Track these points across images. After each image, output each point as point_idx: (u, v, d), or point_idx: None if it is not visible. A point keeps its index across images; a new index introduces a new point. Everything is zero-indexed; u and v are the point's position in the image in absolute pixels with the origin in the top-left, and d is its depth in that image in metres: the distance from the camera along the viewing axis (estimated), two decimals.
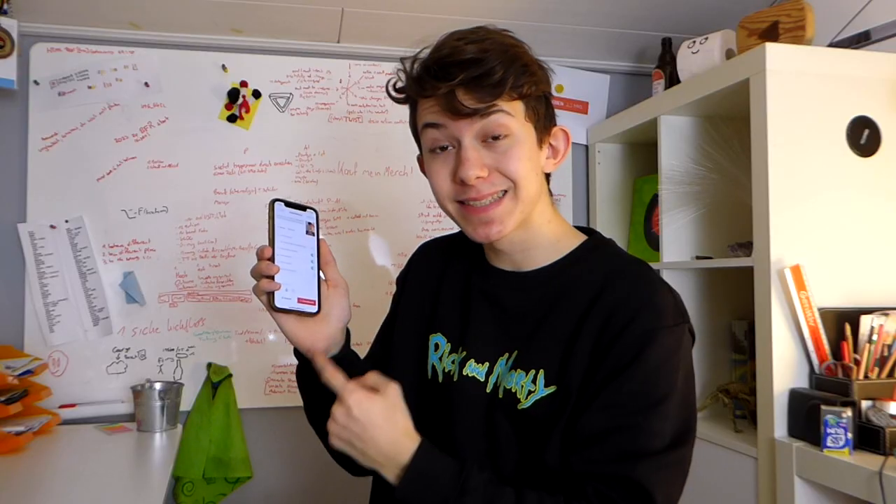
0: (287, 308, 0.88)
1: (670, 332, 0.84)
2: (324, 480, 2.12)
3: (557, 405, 0.85)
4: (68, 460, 1.60)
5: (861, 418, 1.32)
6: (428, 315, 1.01)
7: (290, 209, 0.92)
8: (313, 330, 0.94)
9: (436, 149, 0.89)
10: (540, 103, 0.89)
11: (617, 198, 2.32)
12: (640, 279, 0.89)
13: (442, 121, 0.86)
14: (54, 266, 1.96)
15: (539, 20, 2.00)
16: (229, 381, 2.01)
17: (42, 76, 1.97)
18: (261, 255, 0.89)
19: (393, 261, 2.18)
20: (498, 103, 0.84)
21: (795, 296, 1.40)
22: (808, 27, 1.51)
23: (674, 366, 0.84)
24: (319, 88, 2.15)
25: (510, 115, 0.85)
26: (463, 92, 0.83)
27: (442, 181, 0.89)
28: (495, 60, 0.82)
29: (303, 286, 0.90)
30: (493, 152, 0.86)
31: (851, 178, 1.48)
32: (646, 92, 2.19)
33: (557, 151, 0.94)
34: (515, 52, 0.86)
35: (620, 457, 0.80)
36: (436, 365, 0.97)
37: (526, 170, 0.87)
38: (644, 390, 0.82)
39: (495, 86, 0.83)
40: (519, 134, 0.86)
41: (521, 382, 0.87)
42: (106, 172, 2.01)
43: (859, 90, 1.50)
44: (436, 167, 0.90)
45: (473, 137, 0.86)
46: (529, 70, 0.86)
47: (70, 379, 1.95)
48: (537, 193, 0.90)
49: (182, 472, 1.92)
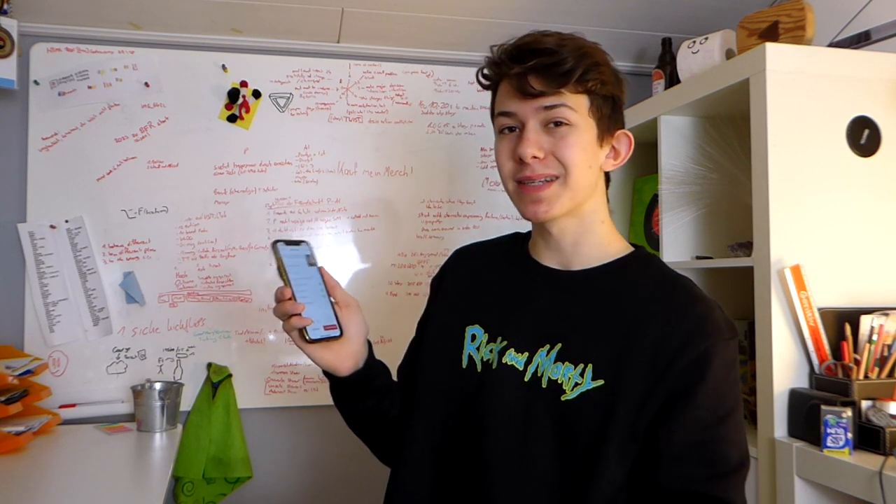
0: (319, 338, 0.94)
1: (727, 345, 0.89)
2: (324, 480, 2.12)
3: (603, 399, 0.87)
4: (68, 460, 1.60)
5: (861, 418, 1.32)
6: (463, 310, 1.04)
7: (290, 247, 0.97)
8: (338, 351, 0.99)
9: (504, 129, 0.96)
10: (606, 103, 0.94)
11: (617, 197, 2.31)
12: (694, 294, 0.94)
13: (512, 107, 0.93)
14: (54, 266, 1.96)
15: (539, 20, 2.00)
16: (229, 381, 2.01)
17: (42, 76, 1.97)
18: (281, 297, 0.94)
19: (393, 261, 2.18)
20: (564, 92, 0.90)
21: (795, 296, 1.40)
22: (808, 27, 1.51)
23: (734, 378, 0.90)
24: (319, 88, 2.15)
25: (573, 109, 0.91)
26: (534, 76, 0.90)
27: (504, 159, 0.95)
28: (568, 53, 0.89)
29: (323, 315, 0.96)
30: (552, 137, 0.92)
31: (851, 178, 1.48)
32: (646, 92, 2.19)
33: (619, 154, 0.98)
34: (590, 51, 0.92)
35: (711, 476, 0.85)
36: (473, 354, 0.99)
37: (580, 158, 0.92)
38: (718, 403, 0.87)
39: (564, 74, 0.89)
40: (579, 125, 0.92)
41: (569, 375, 0.90)
42: (106, 172, 2.01)
43: (859, 90, 1.49)
44: (501, 146, 0.96)
45: (537, 122, 0.92)
46: (599, 69, 0.92)
47: (70, 379, 1.95)
48: (589, 186, 0.95)
49: (182, 472, 1.92)
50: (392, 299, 2.16)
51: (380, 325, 2.11)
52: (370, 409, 1.05)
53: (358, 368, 1.01)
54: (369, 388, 1.04)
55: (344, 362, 1.00)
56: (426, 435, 0.99)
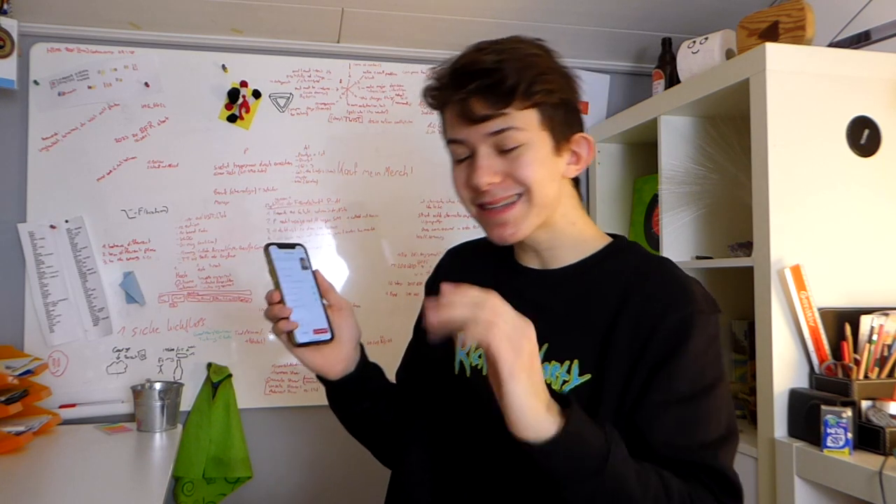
0: (307, 342, 0.94)
1: (707, 317, 0.87)
2: (324, 480, 2.12)
3: (592, 392, 0.87)
4: (68, 460, 1.60)
5: (861, 418, 1.32)
6: None
7: (283, 250, 0.97)
8: (329, 355, 0.99)
9: (458, 160, 0.94)
10: (557, 111, 0.90)
11: (617, 198, 2.32)
12: (670, 272, 0.92)
13: (460, 135, 0.90)
14: (54, 266, 1.96)
15: (539, 20, 2.00)
16: (229, 381, 2.01)
17: (42, 76, 1.97)
18: (271, 300, 0.94)
19: (393, 261, 2.18)
20: (510, 112, 0.86)
21: (795, 296, 1.40)
22: (808, 27, 1.51)
23: (716, 353, 0.88)
24: (319, 88, 2.15)
25: (522, 129, 0.87)
26: (476, 100, 0.87)
27: (461, 188, 0.94)
28: (509, 69, 0.85)
29: (314, 318, 0.96)
30: (505, 159, 0.89)
31: (851, 178, 1.48)
32: (646, 92, 2.19)
33: (580, 158, 0.95)
34: (532, 61, 0.88)
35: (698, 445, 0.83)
36: (463, 360, 0.99)
37: (539, 175, 0.89)
38: (696, 374, 0.85)
39: (507, 93, 0.85)
40: (532, 142, 0.88)
41: (556, 373, 0.89)
42: (106, 172, 2.01)
43: (859, 90, 1.50)
44: (456, 174, 0.94)
45: (488, 147, 0.89)
46: (544, 78, 0.88)
47: (70, 379, 1.95)
48: (554, 198, 0.92)
49: (182, 472, 1.92)
50: (392, 299, 2.16)
51: (380, 325, 2.11)
52: (365, 413, 1.05)
53: (349, 372, 1.01)
54: (363, 392, 1.04)
55: (334, 366, 1.00)
56: (425, 438, 0.99)
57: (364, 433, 1.10)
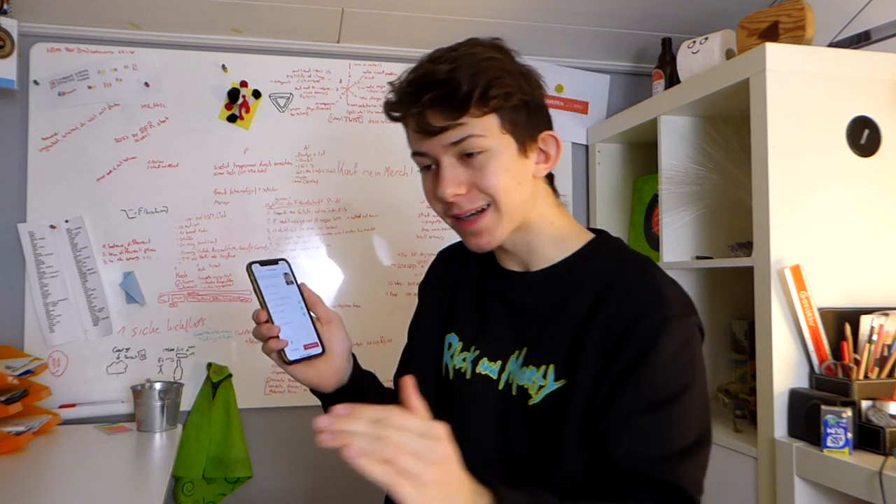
0: (298, 358, 0.95)
1: (680, 321, 0.85)
2: (324, 480, 2.12)
3: (564, 398, 0.86)
4: (68, 460, 1.60)
5: (861, 418, 1.32)
6: (443, 317, 1.04)
7: (266, 267, 0.96)
8: (322, 369, 0.99)
9: (423, 168, 0.94)
10: (518, 113, 0.89)
11: (617, 198, 2.32)
12: (646, 274, 0.90)
13: (422, 147, 0.90)
14: (54, 266, 1.96)
15: (539, 20, 2.01)
16: (229, 381, 2.01)
17: (42, 76, 1.97)
18: (258, 320, 0.94)
19: (393, 261, 2.18)
20: (467, 120, 0.85)
21: (795, 296, 1.40)
22: (809, 27, 1.51)
23: (689, 357, 0.85)
24: (319, 88, 2.15)
25: (481, 136, 0.86)
26: (432, 112, 0.86)
27: (431, 199, 0.93)
28: (462, 76, 0.84)
29: (303, 333, 0.96)
30: (470, 168, 0.88)
31: (851, 178, 1.48)
32: (646, 92, 2.19)
33: (549, 156, 0.94)
34: (486, 66, 0.86)
35: (659, 457, 0.81)
36: (448, 363, 1.00)
37: (504, 182, 0.88)
38: (664, 381, 0.83)
39: (461, 102, 0.84)
40: (495, 148, 0.87)
41: (533, 378, 0.89)
42: (106, 172, 2.01)
43: (859, 90, 1.50)
44: (425, 185, 0.94)
45: (451, 156, 0.88)
46: (500, 82, 0.86)
47: (70, 379, 1.95)
48: (524, 202, 0.91)
49: (182, 472, 1.92)
50: (392, 299, 2.16)
51: (379, 326, 2.11)
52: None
53: (343, 384, 1.01)
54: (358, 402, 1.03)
55: (327, 380, 1.00)
56: None
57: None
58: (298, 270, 2.13)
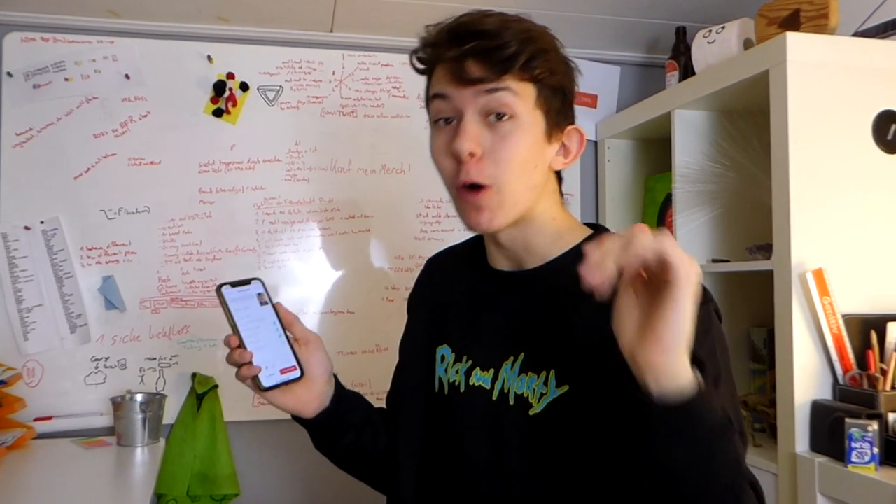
0: (274, 385, 0.93)
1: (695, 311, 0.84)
2: (314, 497, 2.12)
3: (571, 406, 0.85)
4: (44, 477, 1.60)
5: (888, 432, 1.32)
6: (434, 329, 1.03)
7: (237, 289, 0.96)
8: (301, 394, 0.97)
9: (439, 120, 0.90)
10: (556, 95, 0.89)
11: (628, 197, 2.32)
12: None
13: (448, 91, 0.87)
14: (29, 270, 1.96)
15: (545, 7, 2.01)
16: (215, 392, 2.01)
17: (16, 68, 1.97)
18: (230, 345, 0.94)
19: (390, 264, 2.18)
20: (506, 80, 0.85)
21: (818, 301, 1.40)
22: (832, 15, 1.51)
23: (710, 347, 0.83)
24: (311, 81, 2.15)
25: (517, 94, 0.86)
26: (472, 61, 0.85)
27: (441, 156, 0.90)
28: (512, 37, 0.84)
29: (279, 357, 0.95)
30: (493, 133, 0.86)
31: (877, 175, 1.49)
32: (658, 84, 2.19)
33: (570, 151, 0.95)
34: (537, 36, 0.87)
35: None
36: (442, 377, 0.99)
37: (522, 157, 0.87)
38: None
39: (506, 60, 0.84)
40: (524, 119, 0.87)
41: (533, 386, 0.88)
42: (84, 170, 2.01)
43: (886, 82, 1.50)
44: (437, 141, 0.90)
45: (476, 112, 0.86)
46: (548, 56, 0.87)
47: (46, 390, 1.95)
48: (532, 188, 0.90)
49: (165, 489, 1.92)
50: (388, 305, 2.16)
51: (375, 333, 2.11)
52: (349, 447, 1.04)
53: (325, 407, 1.00)
54: (342, 426, 1.03)
55: (308, 405, 0.98)
56: (409, 463, 0.99)
57: (353, 467, 1.10)
58: (289, 274, 2.16)
